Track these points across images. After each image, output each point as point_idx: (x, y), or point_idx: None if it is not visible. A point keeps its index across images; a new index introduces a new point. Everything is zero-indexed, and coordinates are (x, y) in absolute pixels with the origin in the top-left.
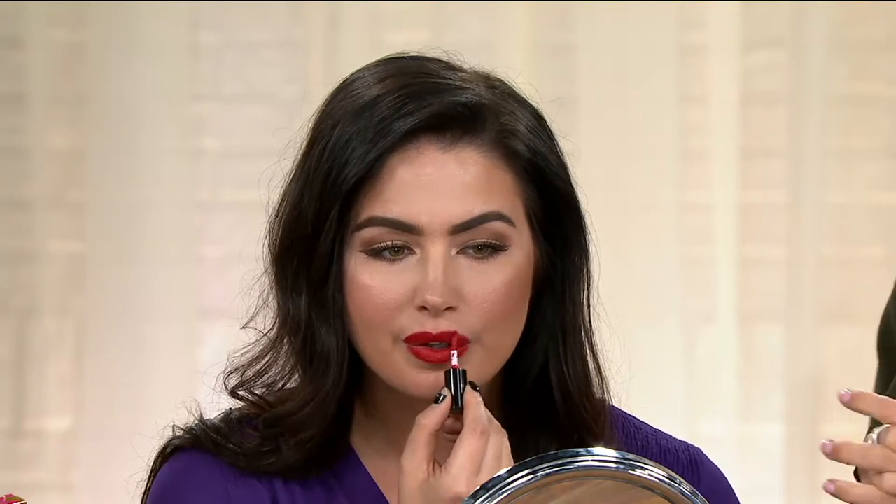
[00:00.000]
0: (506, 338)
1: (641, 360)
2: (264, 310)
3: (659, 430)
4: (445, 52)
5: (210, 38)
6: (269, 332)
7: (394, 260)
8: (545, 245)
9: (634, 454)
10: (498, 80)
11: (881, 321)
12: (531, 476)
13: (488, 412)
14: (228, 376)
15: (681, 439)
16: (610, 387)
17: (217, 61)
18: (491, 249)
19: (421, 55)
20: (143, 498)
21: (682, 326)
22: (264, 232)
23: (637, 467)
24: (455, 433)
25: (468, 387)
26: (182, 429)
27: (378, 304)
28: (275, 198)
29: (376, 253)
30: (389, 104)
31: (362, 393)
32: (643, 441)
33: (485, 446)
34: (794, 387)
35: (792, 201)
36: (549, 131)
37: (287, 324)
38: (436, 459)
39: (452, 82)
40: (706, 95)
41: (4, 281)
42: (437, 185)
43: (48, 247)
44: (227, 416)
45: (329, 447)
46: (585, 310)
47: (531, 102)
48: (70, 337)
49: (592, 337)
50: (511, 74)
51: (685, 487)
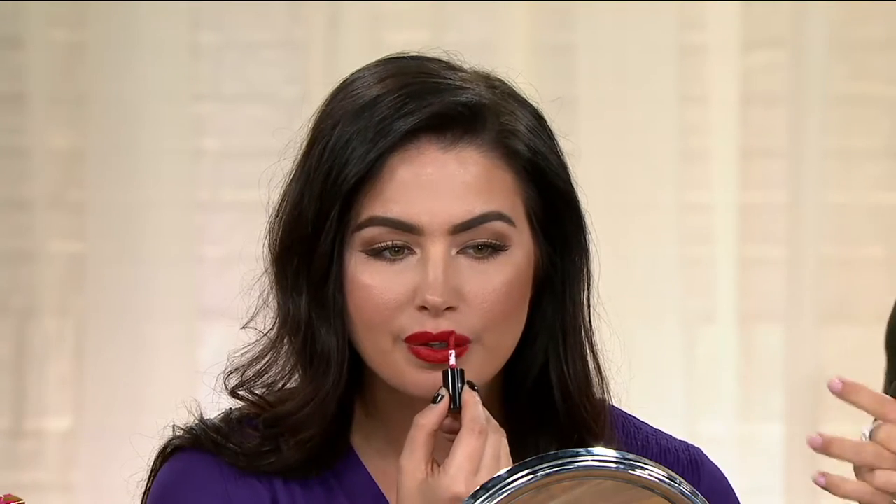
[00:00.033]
0: (506, 338)
1: (641, 360)
2: (264, 310)
3: (659, 430)
4: (445, 52)
5: (210, 38)
6: (270, 332)
7: (394, 260)
8: (545, 245)
9: (634, 454)
10: (498, 80)
11: (890, 319)
12: (531, 476)
13: (486, 411)
14: (228, 376)
15: (681, 439)
16: (610, 387)
17: (217, 61)
18: (491, 249)
19: (421, 55)
20: (143, 498)
21: (682, 326)
22: (264, 232)
23: (637, 467)
24: (453, 433)
25: (466, 386)
26: (182, 429)
27: (378, 304)
28: (275, 198)
29: (376, 253)
30: (390, 104)
31: (362, 393)
32: (643, 441)
33: (483, 446)
34: (794, 387)
35: (792, 201)
36: (550, 131)
37: (287, 324)
38: (434, 459)
39: (453, 82)
40: (706, 95)
41: (4, 281)
42: (438, 185)
43: (48, 247)
44: (227, 416)
45: (329, 447)
46: (585, 310)
47: (531, 102)
48: (70, 337)
49: (592, 337)
50: (511, 74)
51: (685, 487)
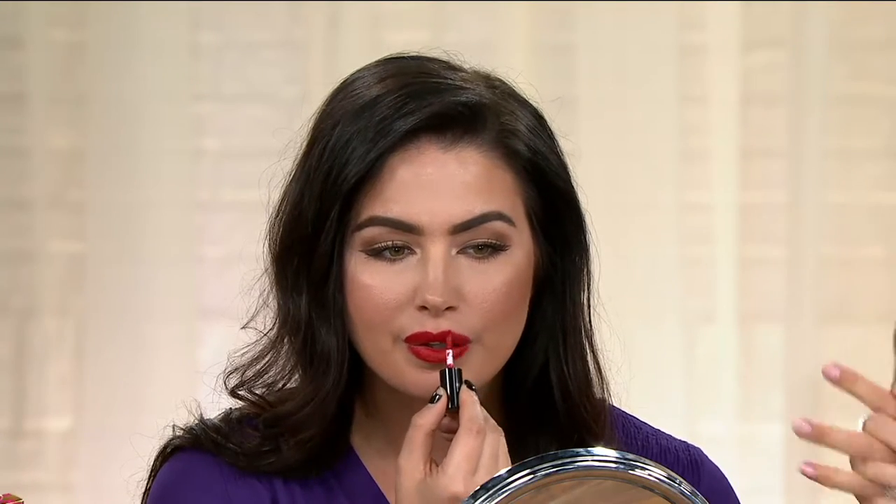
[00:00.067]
0: (506, 337)
1: (641, 360)
2: (264, 310)
3: (659, 430)
4: (445, 52)
5: (210, 38)
6: (270, 332)
7: (394, 260)
8: (545, 245)
9: (634, 454)
10: (498, 80)
11: None
12: (531, 476)
13: (484, 411)
14: (228, 376)
15: (681, 439)
16: (610, 387)
17: (217, 61)
18: (491, 249)
19: (421, 55)
20: (143, 498)
21: (682, 326)
22: (264, 232)
23: (637, 467)
24: (452, 432)
25: (464, 386)
26: (182, 429)
27: (378, 304)
28: (275, 198)
29: (377, 253)
30: (390, 104)
31: (362, 393)
32: (643, 441)
33: (481, 445)
34: (794, 387)
35: (792, 201)
36: (550, 131)
37: (287, 324)
38: (433, 459)
39: (453, 82)
40: (706, 95)
41: (4, 281)
42: (438, 185)
43: (48, 247)
44: (228, 416)
45: (329, 447)
46: (586, 310)
47: (531, 102)
48: (70, 337)
49: (592, 337)
50: (511, 74)
51: (685, 487)
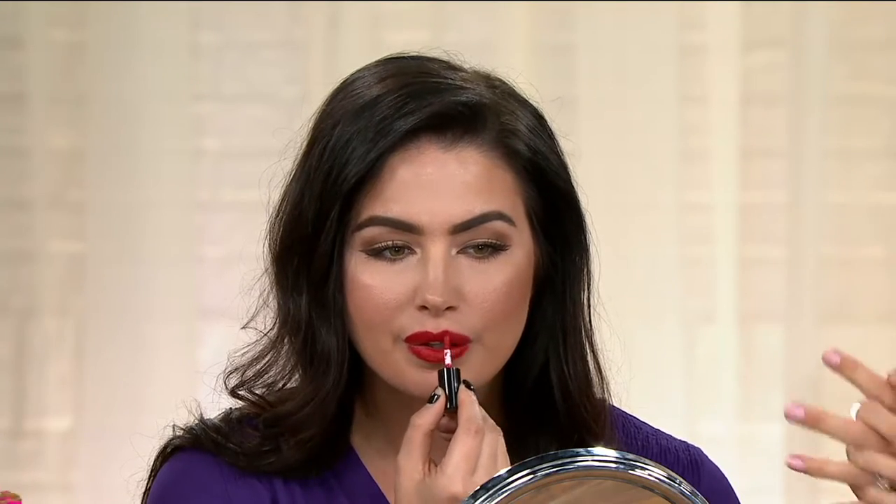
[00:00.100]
0: (506, 337)
1: (641, 360)
2: (264, 310)
3: (659, 430)
4: (445, 52)
5: (210, 38)
6: (270, 332)
7: (394, 259)
8: (546, 245)
9: (634, 454)
10: (498, 80)
11: None
12: (531, 476)
13: (483, 411)
14: (229, 376)
15: (681, 439)
16: (610, 387)
17: (217, 61)
18: (491, 249)
19: (421, 55)
20: (143, 498)
21: (682, 326)
22: (264, 232)
23: (637, 467)
24: (450, 432)
25: (462, 386)
26: (182, 428)
27: (378, 304)
28: (275, 198)
29: (377, 253)
30: (390, 104)
31: (363, 393)
32: (643, 441)
33: (480, 445)
34: (794, 387)
35: (792, 201)
36: (550, 131)
37: (287, 323)
38: (432, 459)
39: (453, 82)
40: (706, 95)
41: (4, 281)
42: (438, 185)
43: (48, 247)
44: (228, 416)
45: (329, 447)
46: (586, 309)
47: (531, 102)
48: (70, 337)
49: (593, 337)
50: (511, 74)
51: (685, 487)
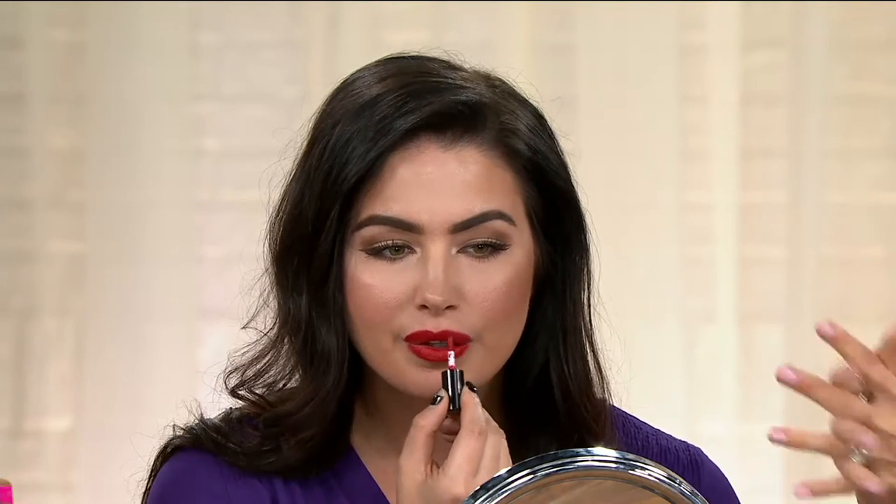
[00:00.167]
0: (506, 337)
1: (641, 360)
2: (264, 310)
3: (659, 430)
4: (446, 52)
5: (210, 38)
6: (270, 332)
7: (394, 259)
8: (546, 244)
9: (634, 454)
10: (498, 80)
11: None
12: (531, 476)
13: (486, 413)
14: (229, 376)
15: (681, 439)
16: (610, 386)
17: (217, 61)
18: (491, 248)
19: (421, 55)
20: (144, 498)
21: (682, 326)
22: (264, 232)
23: (637, 467)
24: (453, 434)
25: (465, 387)
26: (182, 428)
27: (378, 303)
28: (275, 198)
29: (377, 252)
30: (390, 103)
31: (363, 392)
32: (643, 441)
33: (482, 447)
34: None
35: (792, 201)
36: (550, 130)
37: (287, 323)
38: (434, 460)
39: (453, 81)
40: (706, 95)
41: (4, 281)
42: (438, 184)
43: (48, 247)
44: (228, 416)
45: (329, 446)
46: (586, 309)
47: (531, 102)
48: (70, 337)
49: (593, 336)
50: (511, 74)
51: (685, 487)
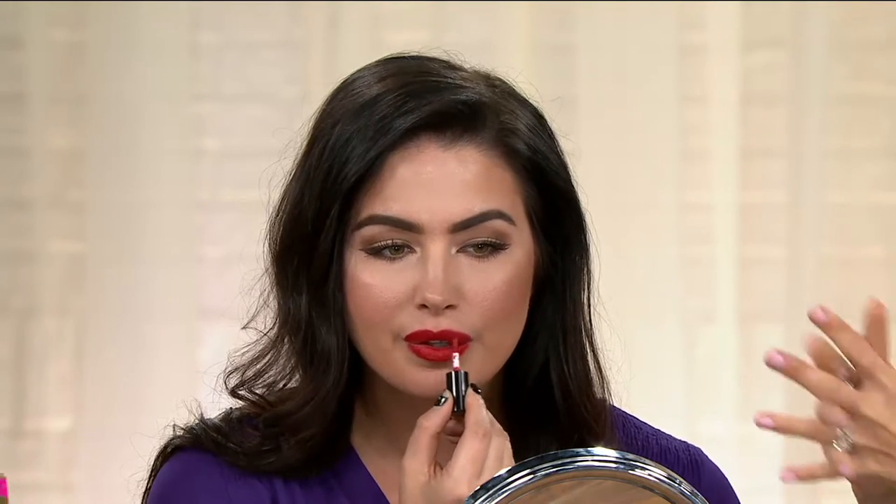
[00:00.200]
0: (506, 336)
1: (641, 360)
2: (264, 310)
3: (659, 430)
4: (446, 52)
5: (210, 38)
6: (270, 332)
7: (394, 258)
8: (545, 244)
9: (634, 454)
10: (498, 80)
11: None
12: (531, 476)
13: (490, 415)
14: (229, 376)
15: (681, 439)
16: (610, 386)
17: (217, 61)
18: (491, 248)
19: (421, 55)
20: (144, 498)
21: (682, 326)
22: (264, 232)
23: (637, 467)
24: (457, 435)
25: (470, 389)
26: (182, 428)
27: (378, 303)
28: (275, 198)
29: (376, 251)
30: (390, 102)
31: (363, 392)
32: (644, 441)
33: (486, 449)
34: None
35: (792, 201)
36: (550, 130)
37: (287, 323)
38: (437, 461)
39: (453, 81)
40: (706, 95)
41: (4, 281)
42: (438, 184)
43: (48, 247)
44: (228, 416)
45: (329, 446)
46: (586, 309)
47: (531, 101)
48: (70, 337)
49: (593, 336)
50: (511, 74)
51: (685, 487)
